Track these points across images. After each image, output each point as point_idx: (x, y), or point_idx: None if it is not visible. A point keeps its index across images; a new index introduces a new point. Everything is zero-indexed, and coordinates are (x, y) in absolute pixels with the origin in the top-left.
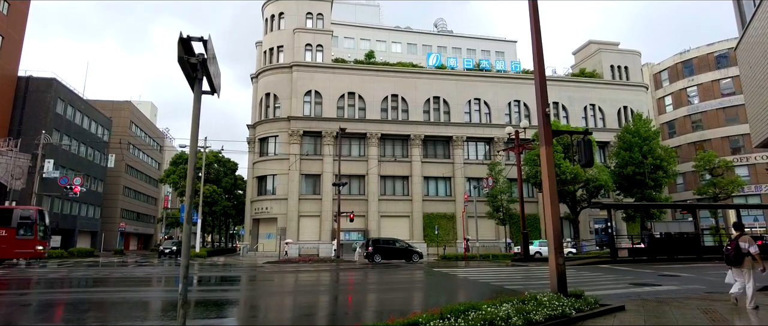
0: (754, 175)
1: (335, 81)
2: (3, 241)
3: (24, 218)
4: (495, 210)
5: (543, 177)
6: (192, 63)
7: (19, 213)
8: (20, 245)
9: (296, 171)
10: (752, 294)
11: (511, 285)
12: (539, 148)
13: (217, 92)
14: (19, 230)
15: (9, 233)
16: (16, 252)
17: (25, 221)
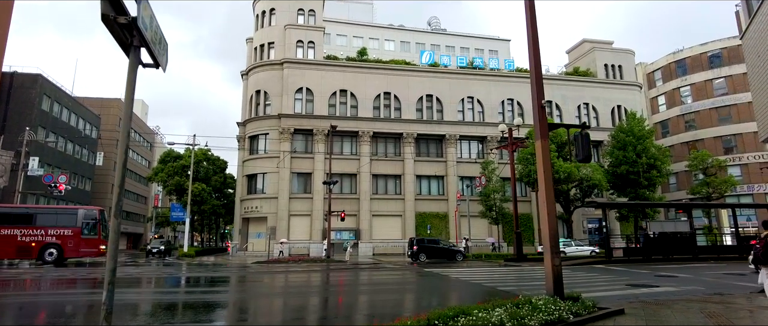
0: (747, 175)
1: (327, 78)
2: (69, 241)
3: (88, 218)
4: (488, 210)
5: (539, 172)
6: (121, 24)
7: (84, 213)
8: (86, 244)
9: (287, 169)
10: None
11: (504, 286)
12: (534, 143)
13: (161, 66)
14: (83, 230)
15: (75, 233)
16: (81, 252)
17: (89, 221)
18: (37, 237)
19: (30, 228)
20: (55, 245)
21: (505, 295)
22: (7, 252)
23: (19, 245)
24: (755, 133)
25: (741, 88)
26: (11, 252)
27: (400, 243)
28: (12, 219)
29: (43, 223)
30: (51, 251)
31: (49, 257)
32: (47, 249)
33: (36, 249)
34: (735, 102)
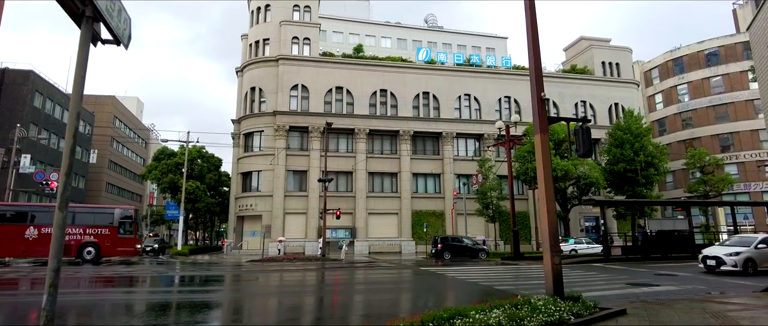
0: (743, 173)
1: (323, 75)
2: (107, 240)
3: (124, 217)
4: (485, 208)
5: (538, 168)
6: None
7: (120, 212)
8: (122, 243)
9: (282, 167)
10: None
11: (502, 285)
12: (533, 137)
13: (121, 42)
14: (120, 229)
15: (112, 232)
16: (118, 250)
17: (125, 220)
18: (75, 235)
19: (69, 226)
20: (93, 244)
21: (502, 295)
22: (47, 251)
23: None
24: (752, 131)
25: (738, 87)
26: None
27: (396, 241)
28: (51, 218)
29: (81, 222)
30: (89, 250)
31: (88, 256)
32: (85, 247)
33: (75, 247)
34: (732, 100)
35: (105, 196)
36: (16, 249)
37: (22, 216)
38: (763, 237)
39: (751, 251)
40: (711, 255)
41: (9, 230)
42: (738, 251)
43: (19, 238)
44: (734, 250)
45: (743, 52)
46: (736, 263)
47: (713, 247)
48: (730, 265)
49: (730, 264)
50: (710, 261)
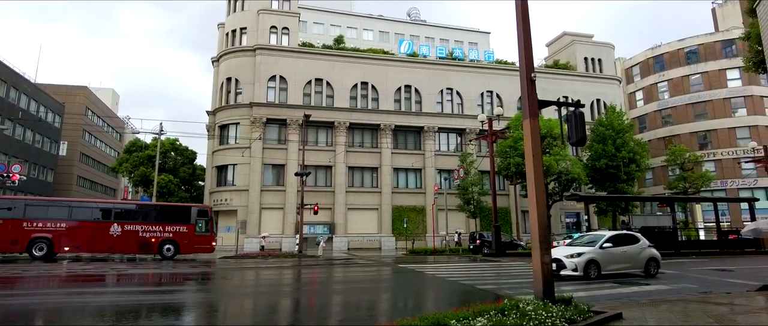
0: (720, 171)
1: (302, 66)
2: (185, 238)
3: (201, 215)
4: (466, 203)
5: (527, 156)
6: None
7: (197, 210)
8: (199, 241)
9: (258, 160)
10: None
11: (483, 284)
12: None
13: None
14: (197, 227)
15: (189, 230)
16: (196, 248)
17: (202, 218)
18: (156, 233)
19: (149, 224)
20: (172, 241)
21: (484, 296)
22: (130, 248)
23: (140, 241)
24: (729, 129)
25: (717, 85)
26: (134, 247)
27: (375, 237)
28: (133, 216)
29: (160, 220)
30: (168, 247)
31: (168, 253)
32: (165, 244)
33: (155, 244)
34: (711, 98)
35: (76, 190)
36: (102, 245)
37: (107, 213)
38: (611, 235)
39: (595, 252)
40: (553, 256)
41: (95, 227)
42: (580, 252)
43: (105, 235)
44: (577, 251)
45: (722, 50)
46: (576, 266)
47: (559, 248)
48: (569, 269)
49: (569, 267)
50: None
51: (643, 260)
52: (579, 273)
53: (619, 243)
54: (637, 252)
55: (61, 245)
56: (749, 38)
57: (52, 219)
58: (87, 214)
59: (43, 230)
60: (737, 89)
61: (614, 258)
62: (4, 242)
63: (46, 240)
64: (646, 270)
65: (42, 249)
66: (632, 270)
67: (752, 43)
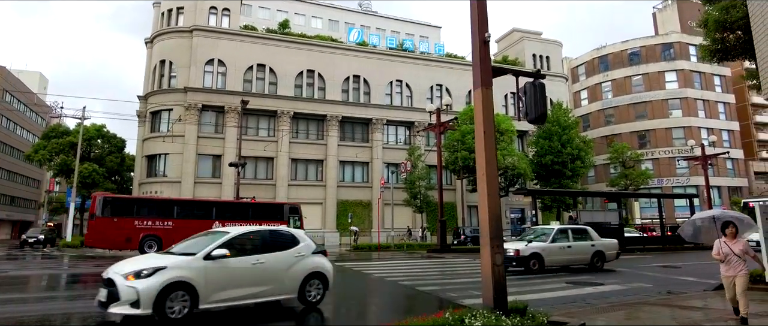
0: (657, 169)
1: (243, 50)
2: None
3: (293, 212)
4: (412, 198)
5: (477, 133)
6: None
7: (289, 207)
8: None
9: (192, 149)
10: None
11: (426, 285)
12: (473, 93)
13: None
14: (289, 223)
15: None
16: None
17: (293, 215)
18: None
19: (247, 221)
20: None
21: (425, 300)
22: None
23: None
24: (666, 129)
25: (656, 86)
26: None
27: (319, 232)
28: (232, 214)
29: (256, 217)
30: None
31: None
32: None
33: None
34: (650, 99)
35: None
36: None
37: (209, 212)
38: (560, 228)
39: (543, 246)
40: None
41: (199, 225)
42: (525, 244)
43: None
44: (521, 245)
45: (661, 53)
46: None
47: (512, 242)
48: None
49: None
50: None
51: (589, 254)
52: (519, 268)
53: (572, 237)
54: (587, 246)
55: (168, 242)
56: (706, 26)
57: (160, 218)
58: (191, 212)
59: (152, 228)
60: (674, 91)
61: (562, 251)
62: (119, 239)
63: (155, 238)
64: (591, 263)
65: (151, 246)
66: (578, 263)
67: (709, 30)
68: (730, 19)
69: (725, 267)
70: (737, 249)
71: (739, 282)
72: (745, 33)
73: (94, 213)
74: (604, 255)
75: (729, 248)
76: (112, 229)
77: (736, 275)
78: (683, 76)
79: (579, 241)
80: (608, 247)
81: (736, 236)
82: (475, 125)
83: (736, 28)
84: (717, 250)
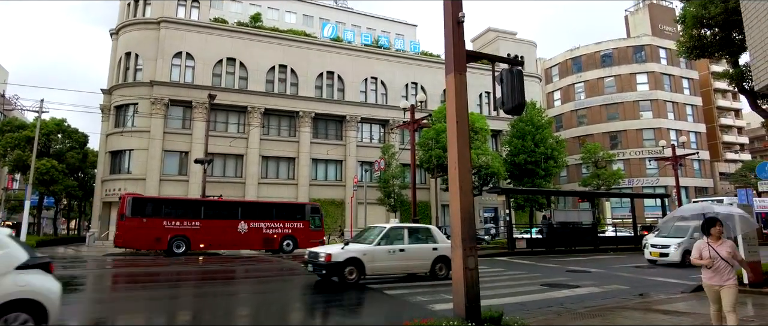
0: (628, 169)
1: (213, 44)
2: (301, 233)
3: (314, 211)
4: (386, 197)
5: (449, 122)
6: None
7: (310, 207)
8: (313, 236)
9: (158, 145)
10: None
11: (394, 288)
12: (446, 79)
13: None
14: (311, 223)
15: (305, 225)
16: (310, 243)
17: (314, 214)
18: (277, 229)
19: (271, 221)
20: (291, 237)
21: (391, 305)
22: (256, 244)
23: (265, 237)
24: (637, 130)
25: (628, 88)
26: (259, 243)
27: None
28: (257, 214)
29: (279, 217)
30: (288, 242)
31: (287, 247)
32: (285, 240)
33: (277, 240)
34: (622, 100)
35: None
36: (231, 243)
37: (235, 212)
38: (392, 226)
39: (366, 249)
40: None
41: (226, 225)
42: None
43: (234, 233)
44: (336, 248)
45: (633, 55)
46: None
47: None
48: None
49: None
50: None
51: (429, 260)
52: (334, 278)
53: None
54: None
55: (196, 242)
56: (684, 22)
57: (188, 219)
58: (217, 213)
59: (180, 229)
60: (645, 93)
61: (391, 256)
62: (149, 240)
63: (184, 238)
64: (432, 271)
65: (179, 246)
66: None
67: (687, 26)
68: (709, 14)
69: (709, 274)
70: (724, 253)
71: (726, 294)
72: (721, 29)
73: (124, 213)
74: (450, 261)
75: (714, 251)
76: (141, 230)
77: (724, 285)
78: (654, 79)
79: (416, 244)
80: None
81: (722, 236)
82: (447, 113)
83: (714, 24)
84: (698, 253)
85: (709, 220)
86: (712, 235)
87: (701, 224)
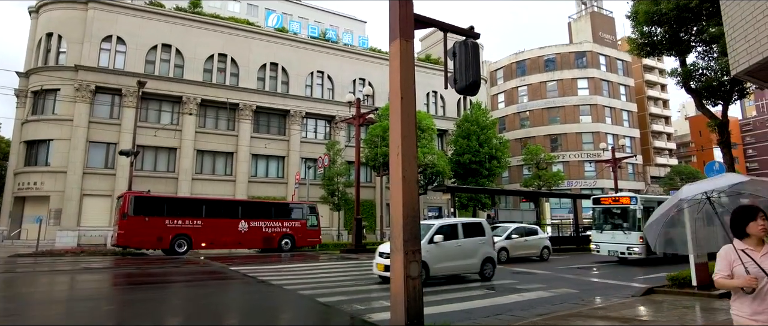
0: (567, 171)
1: (147, 28)
2: (299, 232)
3: (312, 210)
4: (330, 195)
5: (393, 100)
6: None
7: (307, 206)
8: (310, 235)
9: (82, 135)
10: None
11: (330, 295)
12: (390, 47)
13: None
14: (308, 222)
15: (302, 224)
16: (308, 241)
17: (312, 213)
18: (276, 228)
19: (270, 220)
20: (289, 236)
21: (323, 315)
22: (256, 243)
23: (264, 236)
24: (577, 133)
25: (569, 92)
26: (259, 242)
27: None
28: (257, 213)
29: (278, 216)
30: (286, 241)
31: (286, 246)
32: (284, 239)
33: (276, 239)
34: (563, 104)
35: None
36: (231, 241)
37: (235, 211)
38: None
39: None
40: None
41: (227, 224)
42: None
43: (235, 232)
44: None
45: (575, 61)
46: None
47: None
48: None
49: None
50: None
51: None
52: None
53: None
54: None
55: (198, 241)
56: (635, 18)
57: (190, 217)
58: (218, 212)
59: (182, 228)
60: (585, 98)
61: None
62: (151, 238)
63: (186, 237)
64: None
65: (182, 245)
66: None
67: (638, 22)
68: (660, 10)
69: (752, 307)
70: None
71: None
72: (672, 26)
73: (126, 212)
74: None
75: (756, 264)
76: (144, 228)
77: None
78: (593, 84)
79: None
80: None
81: None
82: (390, 88)
83: (665, 21)
84: (728, 269)
85: (745, 211)
86: (752, 236)
87: (731, 217)
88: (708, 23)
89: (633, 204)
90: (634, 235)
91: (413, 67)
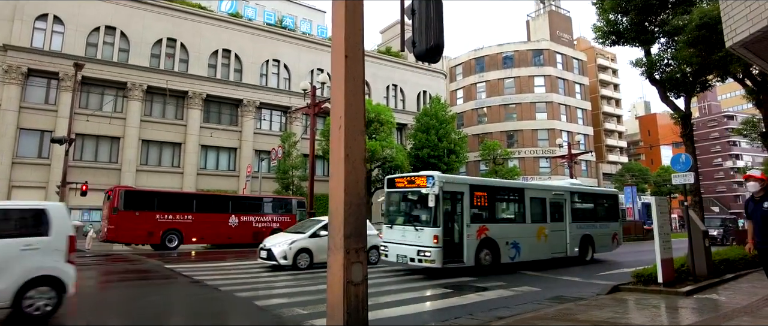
0: (523, 167)
1: (88, 9)
2: (288, 226)
3: (300, 206)
4: (284, 189)
5: (335, 58)
6: None
7: (296, 201)
8: None
9: (12, 120)
10: None
11: (269, 297)
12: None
13: None
14: (297, 216)
15: (291, 219)
16: None
17: (301, 208)
18: (266, 223)
19: (260, 215)
20: (279, 231)
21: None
22: (247, 238)
23: (254, 230)
24: (532, 130)
25: (526, 90)
26: (249, 237)
27: None
28: (247, 208)
29: (268, 211)
30: None
31: None
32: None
33: (266, 234)
34: (520, 101)
35: None
36: (222, 235)
37: (226, 206)
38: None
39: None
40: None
41: (218, 219)
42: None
43: (226, 226)
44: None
45: (532, 59)
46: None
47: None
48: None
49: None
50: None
51: None
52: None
53: None
54: None
55: (189, 236)
56: (601, 5)
57: (181, 212)
58: (209, 207)
59: (173, 222)
60: (541, 95)
61: None
62: (141, 234)
63: (176, 232)
64: None
65: (172, 240)
66: None
67: (605, 10)
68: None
69: None
70: None
71: None
72: (638, 14)
73: (116, 206)
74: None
75: None
76: (134, 223)
77: None
78: (550, 82)
79: None
80: None
81: None
82: (332, 45)
83: (631, 8)
84: None
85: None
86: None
87: None
88: (673, 11)
89: (429, 187)
90: (428, 233)
91: (361, 21)
